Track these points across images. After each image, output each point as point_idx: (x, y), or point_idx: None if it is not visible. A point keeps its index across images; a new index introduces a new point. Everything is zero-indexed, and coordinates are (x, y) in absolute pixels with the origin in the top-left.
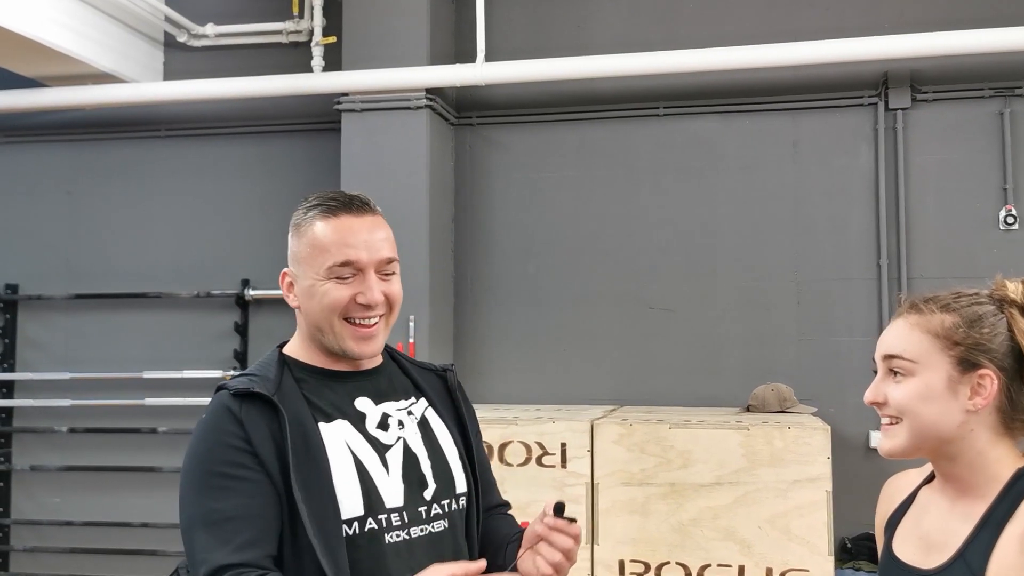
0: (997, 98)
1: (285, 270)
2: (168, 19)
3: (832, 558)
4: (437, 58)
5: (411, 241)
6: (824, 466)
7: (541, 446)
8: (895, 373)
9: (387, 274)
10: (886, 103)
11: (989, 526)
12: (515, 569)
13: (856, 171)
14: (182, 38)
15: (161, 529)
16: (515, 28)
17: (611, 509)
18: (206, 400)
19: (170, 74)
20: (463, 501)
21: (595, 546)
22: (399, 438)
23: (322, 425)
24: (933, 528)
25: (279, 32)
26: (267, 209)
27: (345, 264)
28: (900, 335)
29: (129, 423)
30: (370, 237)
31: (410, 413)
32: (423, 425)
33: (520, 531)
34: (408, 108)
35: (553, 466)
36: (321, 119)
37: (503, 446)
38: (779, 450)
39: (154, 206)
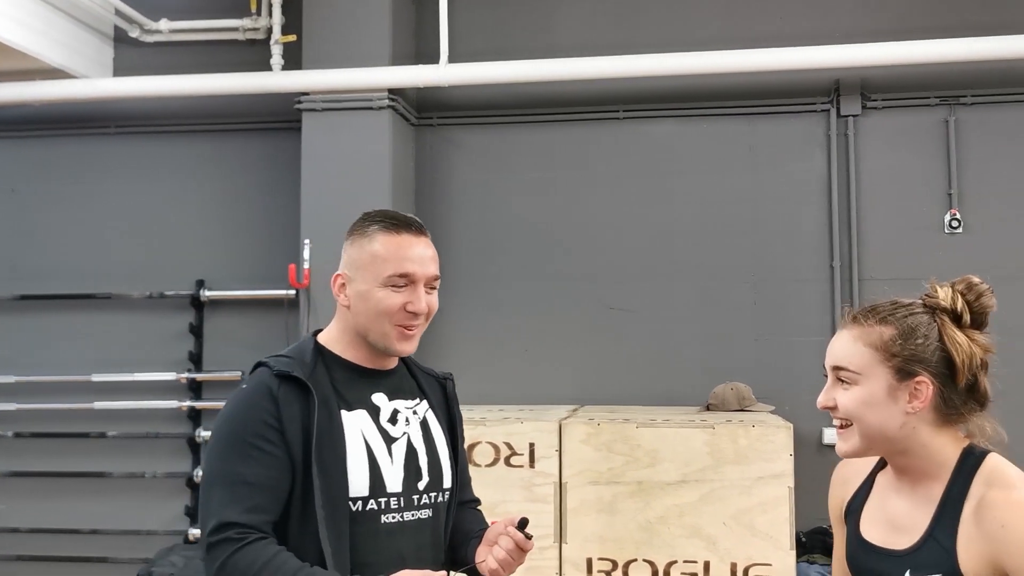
0: (943, 106)
1: (339, 273)
2: (119, 13)
3: (794, 552)
4: (399, 58)
5: None
6: (787, 463)
7: (509, 446)
8: (842, 380)
9: (432, 288)
10: (838, 110)
11: (950, 504)
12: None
13: (810, 175)
14: (134, 33)
15: (111, 536)
16: (476, 30)
17: (579, 508)
18: (159, 403)
19: (120, 70)
20: (447, 495)
21: (563, 544)
22: (404, 433)
23: (344, 413)
24: (899, 511)
25: (235, 29)
26: (224, 208)
27: (402, 275)
28: (844, 347)
29: (78, 427)
30: (423, 255)
31: (415, 412)
32: (424, 425)
33: (484, 527)
34: (370, 108)
35: (521, 466)
36: (280, 118)
37: (471, 447)
38: (743, 448)
39: (104, 205)
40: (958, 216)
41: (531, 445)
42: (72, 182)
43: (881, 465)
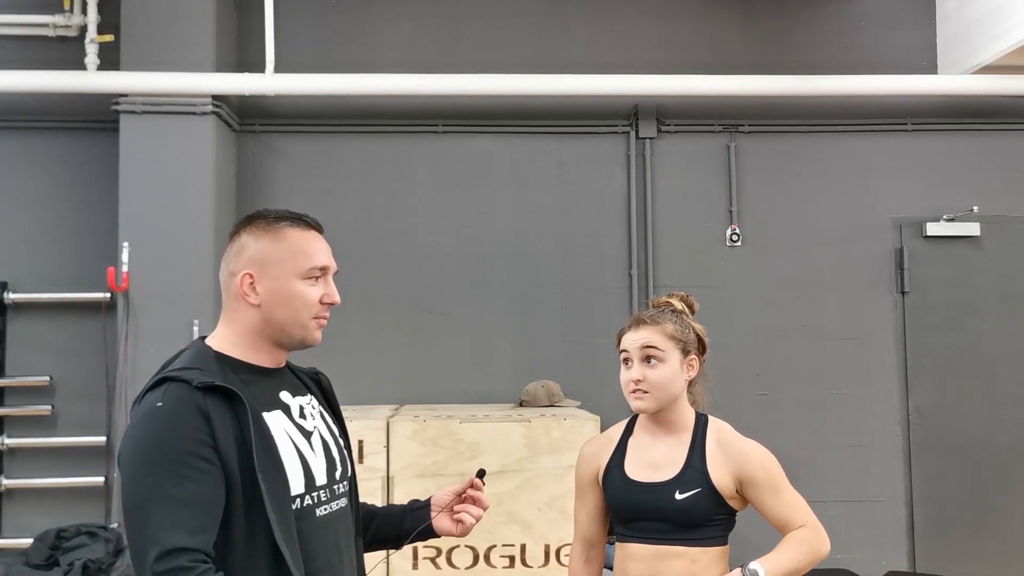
0: (725, 133)
1: (247, 271)
2: None
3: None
4: (222, 65)
5: (195, 245)
6: None
7: None
8: (650, 360)
9: None
10: (636, 132)
11: (697, 444)
12: (430, 528)
13: (612, 191)
14: None
15: None
16: (300, 40)
17: (405, 500)
18: None
19: None
20: (350, 482)
21: None
22: (315, 427)
23: (264, 415)
24: (659, 455)
25: (46, 25)
26: (31, 208)
27: (322, 268)
28: (652, 336)
29: None
30: (328, 249)
31: (313, 407)
32: (322, 417)
33: (418, 503)
34: (193, 113)
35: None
36: (95, 118)
37: None
38: (556, 439)
39: None
40: (737, 231)
41: (360, 442)
42: None
43: (629, 432)
